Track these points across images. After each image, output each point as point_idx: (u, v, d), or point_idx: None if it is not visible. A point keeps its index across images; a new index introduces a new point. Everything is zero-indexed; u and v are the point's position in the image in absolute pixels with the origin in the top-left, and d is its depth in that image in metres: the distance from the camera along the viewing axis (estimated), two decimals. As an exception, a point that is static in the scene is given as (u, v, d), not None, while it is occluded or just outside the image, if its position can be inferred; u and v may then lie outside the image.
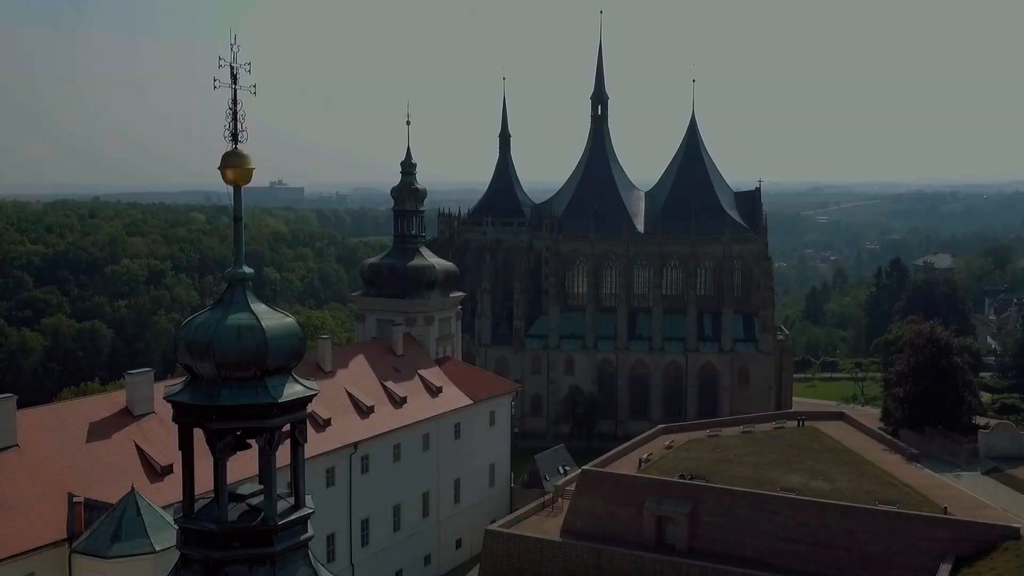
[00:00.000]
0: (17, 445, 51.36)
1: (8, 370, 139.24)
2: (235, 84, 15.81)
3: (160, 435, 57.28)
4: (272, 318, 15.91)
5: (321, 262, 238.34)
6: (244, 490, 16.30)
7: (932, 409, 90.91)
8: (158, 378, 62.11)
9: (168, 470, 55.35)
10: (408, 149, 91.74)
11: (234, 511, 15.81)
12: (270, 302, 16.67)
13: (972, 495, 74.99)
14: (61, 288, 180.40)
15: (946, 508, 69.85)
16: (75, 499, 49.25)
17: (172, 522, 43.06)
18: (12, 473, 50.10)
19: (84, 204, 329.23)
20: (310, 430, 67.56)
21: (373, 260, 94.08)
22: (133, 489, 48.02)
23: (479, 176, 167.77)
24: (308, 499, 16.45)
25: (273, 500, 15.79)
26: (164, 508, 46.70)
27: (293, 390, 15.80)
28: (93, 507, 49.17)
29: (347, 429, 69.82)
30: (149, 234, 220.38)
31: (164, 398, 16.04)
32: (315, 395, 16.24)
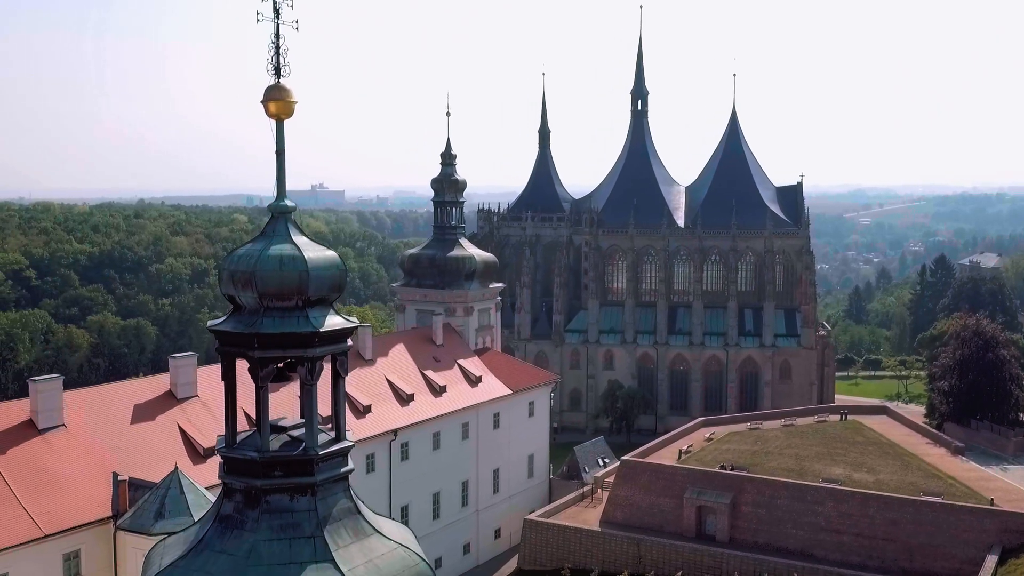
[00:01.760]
0: (64, 425, 52.25)
1: (55, 365, 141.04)
2: (278, 18, 15.92)
3: (203, 418, 57.98)
4: (314, 250, 16.02)
5: (362, 262, 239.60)
6: (285, 423, 16.43)
7: (978, 402, 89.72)
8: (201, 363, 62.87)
9: (211, 452, 55.86)
10: (448, 140, 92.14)
11: (275, 442, 15.92)
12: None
13: (1020, 487, 73.81)
14: (107, 286, 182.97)
15: (992, 500, 68.82)
16: (120, 478, 50.04)
17: (213, 500, 43.79)
18: (59, 452, 50.98)
19: (129, 206, 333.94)
20: (350, 416, 68.20)
21: (413, 251, 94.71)
22: (177, 468, 48.60)
23: (517, 180, 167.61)
24: (349, 434, 16.54)
25: (314, 431, 15.86)
26: (207, 489, 47.18)
27: (334, 321, 15.89)
28: (137, 486, 49.93)
29: (387, 416, 70.17)
30: (192, 234, 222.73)
31: (207, 328, 16.22)
32: (356, 328, 16.34)
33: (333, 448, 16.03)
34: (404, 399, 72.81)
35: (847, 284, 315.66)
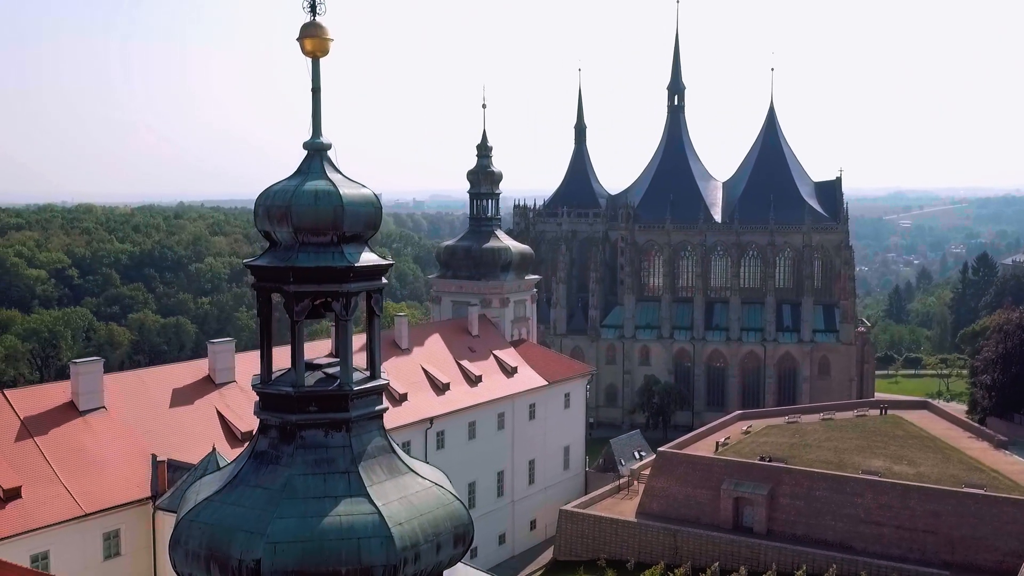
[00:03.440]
0: (104, 407, 52.85)
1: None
2: (313, -47, 15.98)
3: (241, 402, 58.37)
4: (349, 187, 16.07)
5: (398, 261, 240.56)
6: (320, 361, 16.49)
7: (1021, 396, 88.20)
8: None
9: (248, 436, 56.24)
10: (484, 132, 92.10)
11: (311, 379, 15.97)
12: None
13: (1065, 481, 72.42)
14: (147, 285, 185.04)
15: (1037, 492, 67.67)
16: (158, 459, 50.59)
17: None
18: (99, 434, 51.57)
19: (169, 208, 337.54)
20: (386, 403, 68.16)
21: (449, 242, 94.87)
22: (214, 449, 49.15)
23: (552, 181, 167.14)
24: (383, 374, 16.55)
25: (349, 367, 15.89)
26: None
27: (369, 257, 15.92)
28: (175, 467, 50.48)
29: (423, 404, 70.25)
30: (231, 234, 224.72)
31: (243, 264, 16.32)
32: (391, 265, 16.37)
33: (368, 385, 16.07)
34: (440, 388, 72.88)
35: (887, 285, 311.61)
